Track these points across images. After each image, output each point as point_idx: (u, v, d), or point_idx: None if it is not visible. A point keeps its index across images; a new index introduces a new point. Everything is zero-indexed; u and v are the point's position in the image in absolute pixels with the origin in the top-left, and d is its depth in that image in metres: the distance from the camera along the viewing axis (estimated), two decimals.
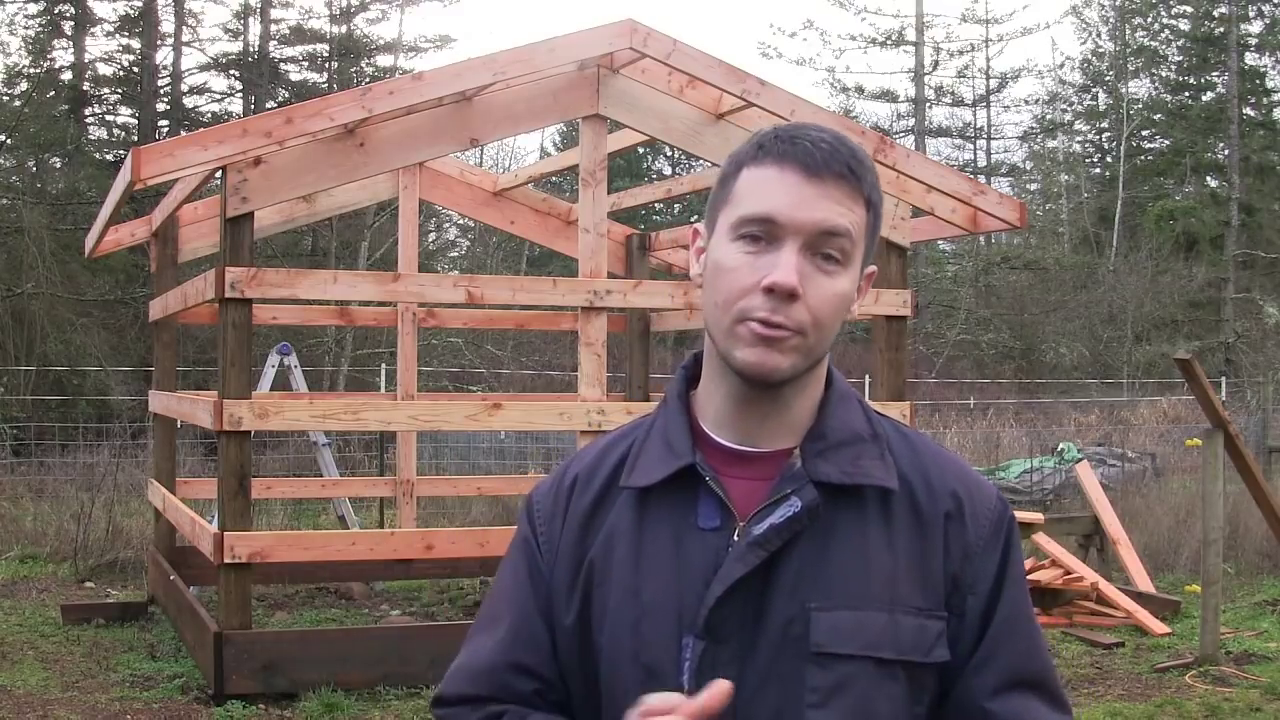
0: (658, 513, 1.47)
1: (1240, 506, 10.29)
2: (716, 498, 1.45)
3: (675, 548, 1.45)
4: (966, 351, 30.43)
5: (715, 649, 1.41)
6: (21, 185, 20.92)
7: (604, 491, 1.52)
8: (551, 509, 1.55)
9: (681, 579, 1.43)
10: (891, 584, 1.43)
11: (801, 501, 1.42)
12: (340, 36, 28.05)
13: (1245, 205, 34.50)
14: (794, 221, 1.40)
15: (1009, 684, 1.47)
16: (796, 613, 1.41)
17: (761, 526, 1.42)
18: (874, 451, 1.48)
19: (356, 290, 7.74)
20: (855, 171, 1.43)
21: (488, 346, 23.61)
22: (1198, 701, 6.86)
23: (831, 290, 1.42)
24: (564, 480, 1.57)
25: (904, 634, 1.42)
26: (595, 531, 1.50)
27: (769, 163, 1.43)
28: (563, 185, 27.91)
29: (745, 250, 1.42)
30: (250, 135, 6.40)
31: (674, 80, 7.42)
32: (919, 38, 38.14)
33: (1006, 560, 1.50)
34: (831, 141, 1.43)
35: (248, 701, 6.48)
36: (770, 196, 1.41)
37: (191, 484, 10.00)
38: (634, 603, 1.44)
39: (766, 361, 1.41)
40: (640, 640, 1.43)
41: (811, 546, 1.43)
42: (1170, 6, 38.73)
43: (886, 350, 7.72)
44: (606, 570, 1.47)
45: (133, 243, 9.94)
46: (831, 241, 1.42)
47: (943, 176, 7.83)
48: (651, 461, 1.49)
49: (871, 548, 1.44)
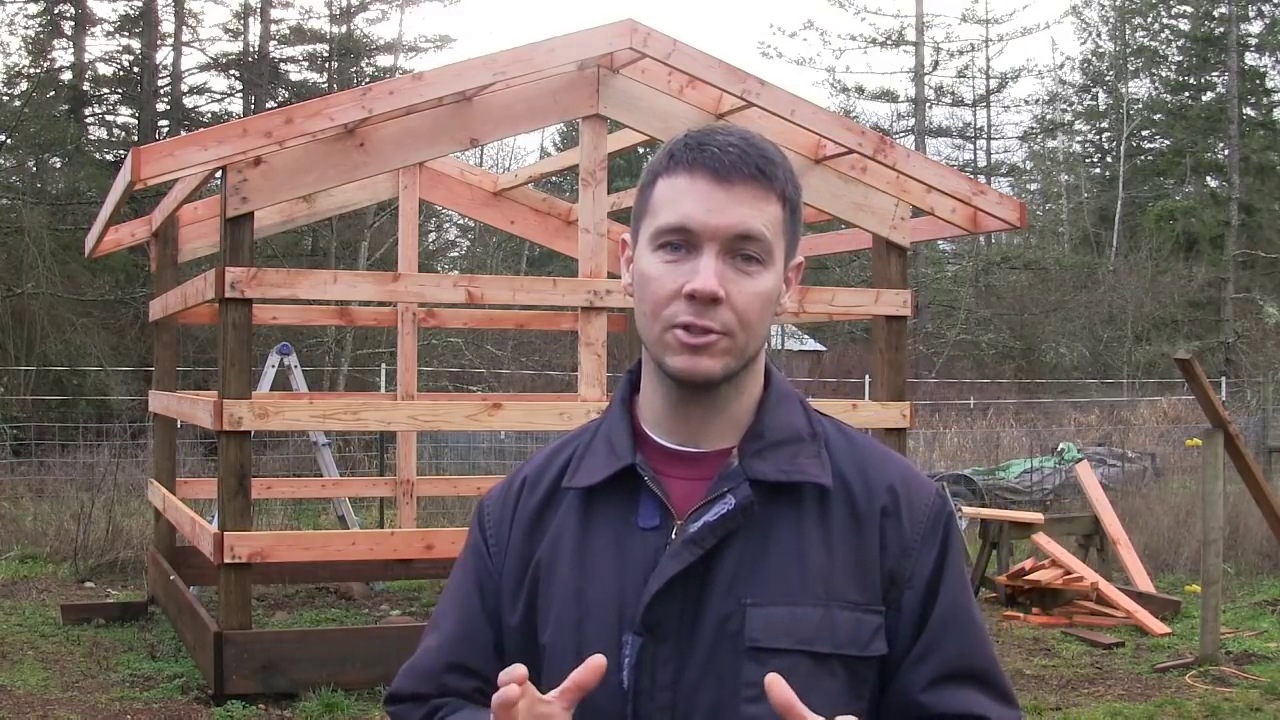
0: (601, 513, 1.51)
1: (1240, 506, 10.29)
2: (656, 497, 1.48)
3: (617, 547, 1.49)
4: (966, 351, 30.43)
5: (654, 646, 1.44)
6: (21, 185, 20.92)
7: (550, 493, 1.56)
8: (500, 513, 1.60)
9: (622, 578, 1.47)
10: (827, 579, 1.46)
11: (735, 499, 1.46)
12: (340, 36, 28.05)
13: (1245, 205, 34.50)
14: (708, 228, 1.44)
15: (947, 676, 1.49)
16: (733, 609, 1.44)
17: (696, 525, 1.45)
18: (811, 450, 1.51)
19: (356, 290, 7.74)
20: (765, 171, 1.46)
21: (488, 346, 23.61)
22: (1198, 701, 6.86)
23: (753, 290, 1.45)
24: (513, 484, 1.61)
25: (840, 628, 1.44)
26: (542, 532, 1.55)
27: (680, 171, 1.46)
28: (563, 185, 27.91)
29: (666, 259, 1.45)
30: (250, 135, 6.39)
31: (674, 80, 7.42)
32: (919, 38, 38.13)
33: (944, 555, 1.52)
34: (739, 145, 1.46)
35: (248, 701, 6.48)
36: (683, 205, 1.45)
37: (191, 484, 10.00)
38: (577, 602, 1.48)
39: (698, 367, 1.45)
40: (583, 638, 1.46)
41: (748, 544, 1.46)
42: (1170, 6, 38.74)
43: (886, 350, 7.71)
44: (552, 570, 1.51)
45: (133, 243, 9.94)
46: (748, 244, 1.45)
47: (943, 176, 7.83)
48: (594, 463, 1.53)
49: (808, 544, 1.47)
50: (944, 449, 17.45)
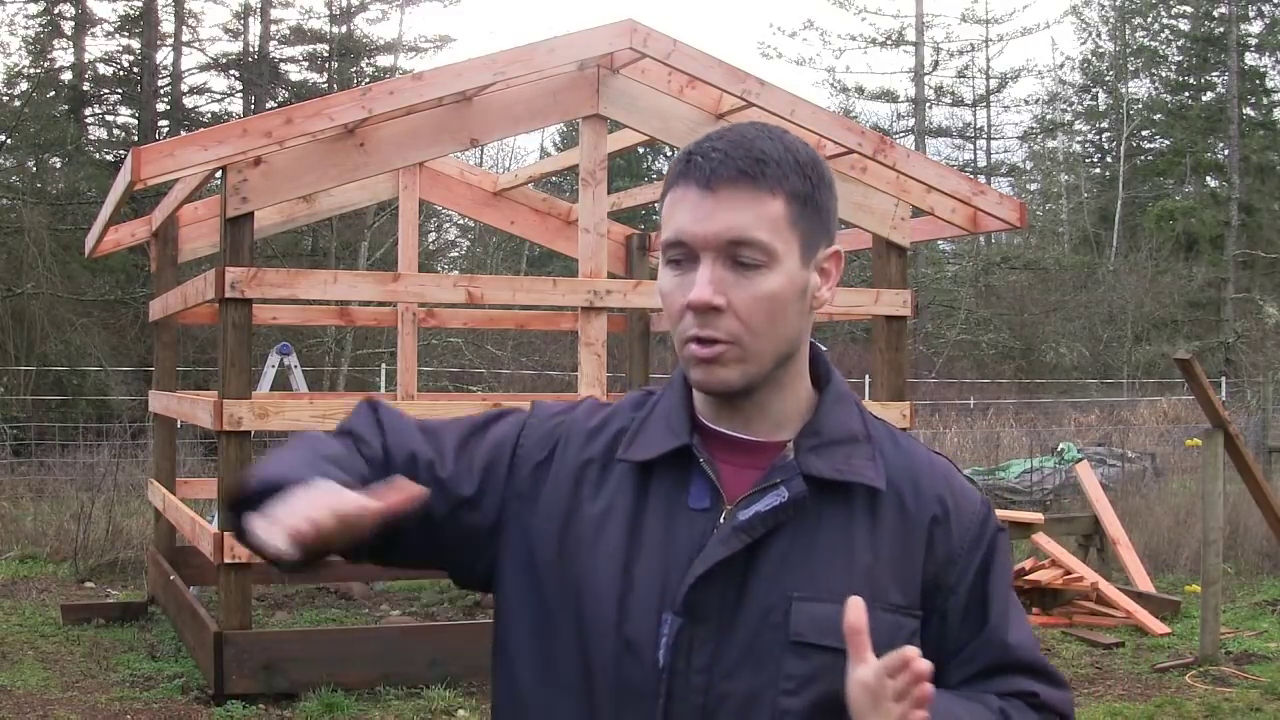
0: (655, 489, 1.51)
1: (1240, 506, 10.29)
2: (708, 479, 1.49)
3: (666, 525, 1.49)
4: (966, 351, 30.41)
5: (693, 627, 1.45)
6: (21, 185, 20.91)
7: (603, 455, 1.55)
8: (542, 439, 1.58)
9: (667, 556, 1.47)
10: (871, 580, 1.48)
11: (789, 492, 1.47)
12: (340, 36, 28.04)
13: (1245, 205, 34.50)
14: (698, 238, 1.44)
15: (996, 670, 1.54)
16: (777, 600, 1.45)
17: (747, 513, 1.46)
18: (866, 452, 1.52)
19: (356, 290, 7.74)
20: (751, 172, 1.44)
21: (488, 346, 23.61)
22: (1198, 701, 6.87)
23: (754, 294, 1.44)
24: (565, 417, 1.60)
25: (879, 631, 1.44)
26: (589, 492, 1.53)
27: (677, 184, 1.48)
28: (563, 185, 27.90)
29: (674, 274, 1.48)
30: (250, 135, 6.39)
31: (674, 80, 7.42)
32: (919, 38, 38.13)
33: (991, 561, 1.56)
34: (724, 149, 1.45)
35: (248, 701, 6.48)
36: (678, 218, 1.46)
37: (191, 484, 10.00)
38: (623, 576, 1.48)
39: (712, 379, 1.46)
40: (624, 613, 1.47)
41: (797, 538, 1.47)
42: (1170, 6, 38.73)
43: (886, 350, 7.71)
44: (599, 537, 1.50)
45: (133, 243, 9.94)
46: (742, 249, 1.44)
47: (943, 176, 7.83)
48: (650, 438, 1.53)
49: (855, 544, 1.48)
50: (944, 449, 17.45)
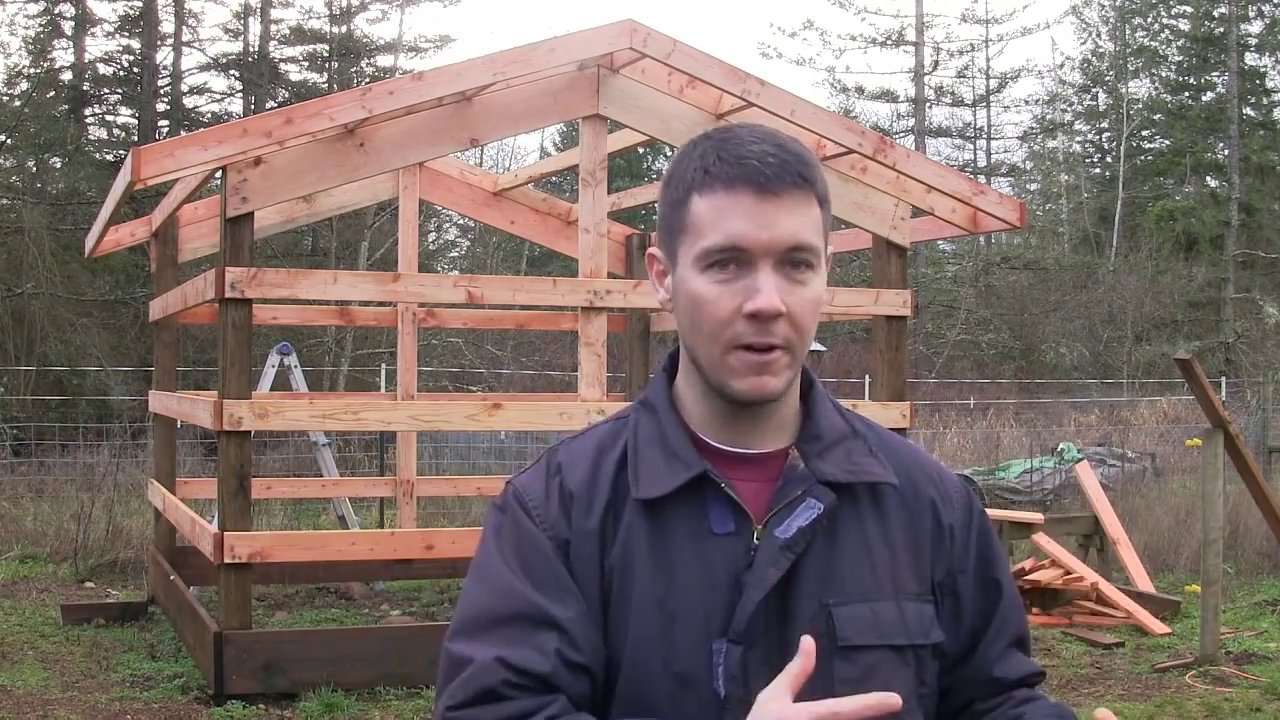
0: (670, 521, 1.46)
1: (1240, 506, 10.29)
2: (729, 502, 1.46)
3: (696, 554, 1.45)
4: (966, 351, 30.41)
5: (748, 653, 1.43)
6: (21, 185, 20.91)
7: (611, 501, 1.48)
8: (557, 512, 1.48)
9: (705, 585, 1.44)
10: (893, 574, 1.50)
11: (822, 504, 1.46)
12: (340, 36, 28.05)
13: (1245, 205, 34.48)
14: (761, 244, 1.41)
15: (1010, 645, 1.61)
16: (817, 611, 1.45)
17: (788, 530, 1.45)
18: (863, 449, 1.53)
19: (356, 290, 7.74)
20: (806, 177, 1.44)
21: (488, 346, 23.61)
22: (1198, 701, 6.86)
23: (808, 298, 1.44)
24: (559, 488, 1.50)
25: (910, 620, 1.48)
26: (610, 542, 1.46)
27: (719, 188, 1.42)
28: (563, 185, 27.90)
29: (717, 279, 1.42)
30: (250, 135, 6.39)
31: (674, 80, 7.42)
32: (919, 38, 38.13)
33: (986, 536, 1.60)
34: (776, 153, 1.43)
35: (248, 701, 6.48)
36: (731, 223, 1.41)
37: (191, 484, 10.00)
38: (659, 613, 1.44)
39: (765, 387, 1.44)
40: (670, 649, 1.43)
41: (821, 545, 1.47)
42: (1170, 6, 38.72)
43: (886, 350, 7.71)
44: (626, 582, 1.45)
45: (133, 243, 9.94)
46: (800, 254, 1.43)
47: (943, 176, 7.83)
48: (657, 470, 1.47)
49: (871, 541, 1.50)
50: (944, 449, 17.45)
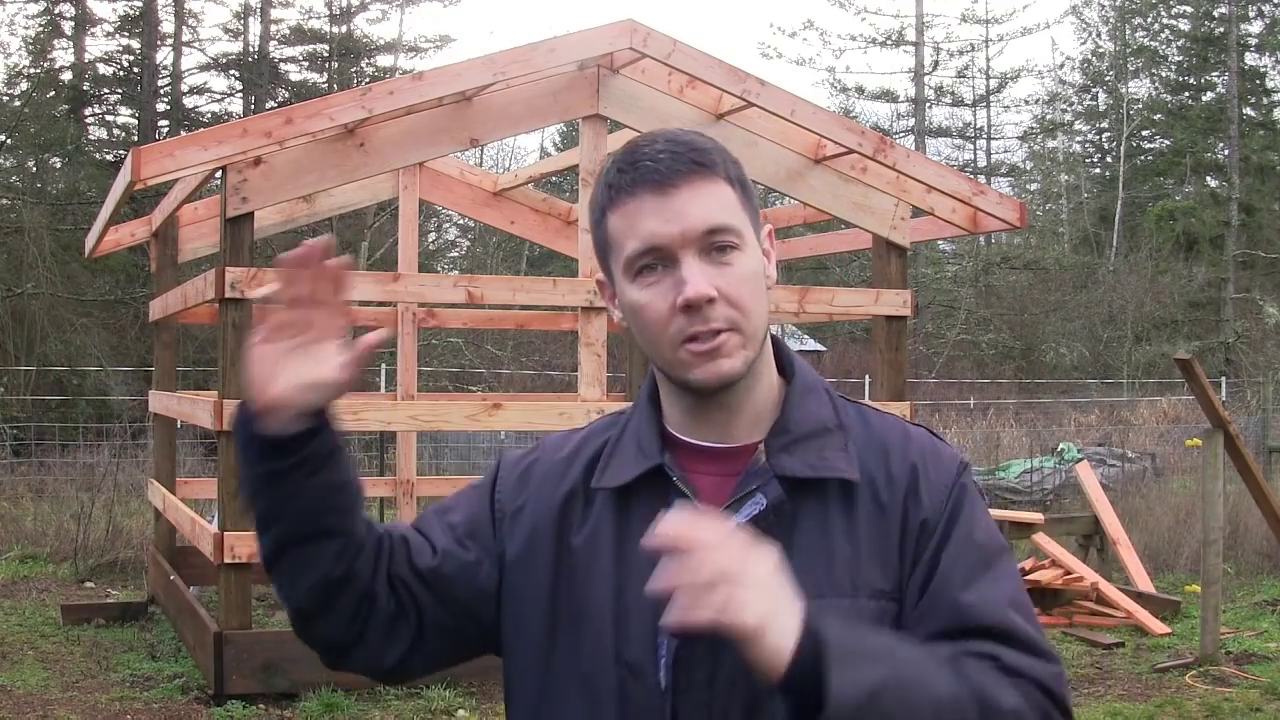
0: (636, 512, 1.50)
1: (1240, 506, 10.29)
2: (685, 497, 1.48)
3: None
4: (966, 351, 30.41)
5: (689, 645, 1.44)
6: (21, 185, 20.91)
7: (580, 485, 1.55)
8: (514, 483, 1.59)
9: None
10: (853, 570, 1.46)
11: (766, 499, 1.46)
12: (340, 36, 28.06)
13: (1245, 205, 34.49)
14: (675, 237, 1.44)
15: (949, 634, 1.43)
16: None
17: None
18: (838, 443, 1.51)
19: (356, 290, 7.73)
20: (701, 162, 1.46)
21: (488, 346, 23.61)
22: (1198, 701, 6.86)
23: (738, 275, 1.45)
24: (529, 464, 1.61)
25: (865, 618, 1.44)
26: (574, 525, 1.53)
27: (624, 198, 1.46)
28: (563, 185, 27.90)
29: (647, 284, 1.46)
30: (250, 135, 6.39)
31: (674, 80, 7.42)
32: (919, 38, 38.14)
33: (956, 518, 1.48)
34: (667, 148, 1.46)
35: (248, 701, 6.48)
36: (642, 226, 1.44)
37: (191, 484, 10.00)
38: (615, 603, 1.48)
39: (719, 370, 1.45)
40: (622, 639, 1.47)
41: (776, 538, 1.45)
42: (1170, 6, 38.73)
43: (886, 350, 7.71)
44: (590, 567, 1.50)
45: (133, 243, 9.94)
46: (718, 236, 1.45)
47: (943, 176, 7.83)
48: (623, 463, 1.53)
49: (833, 537, 1.47)
50: None
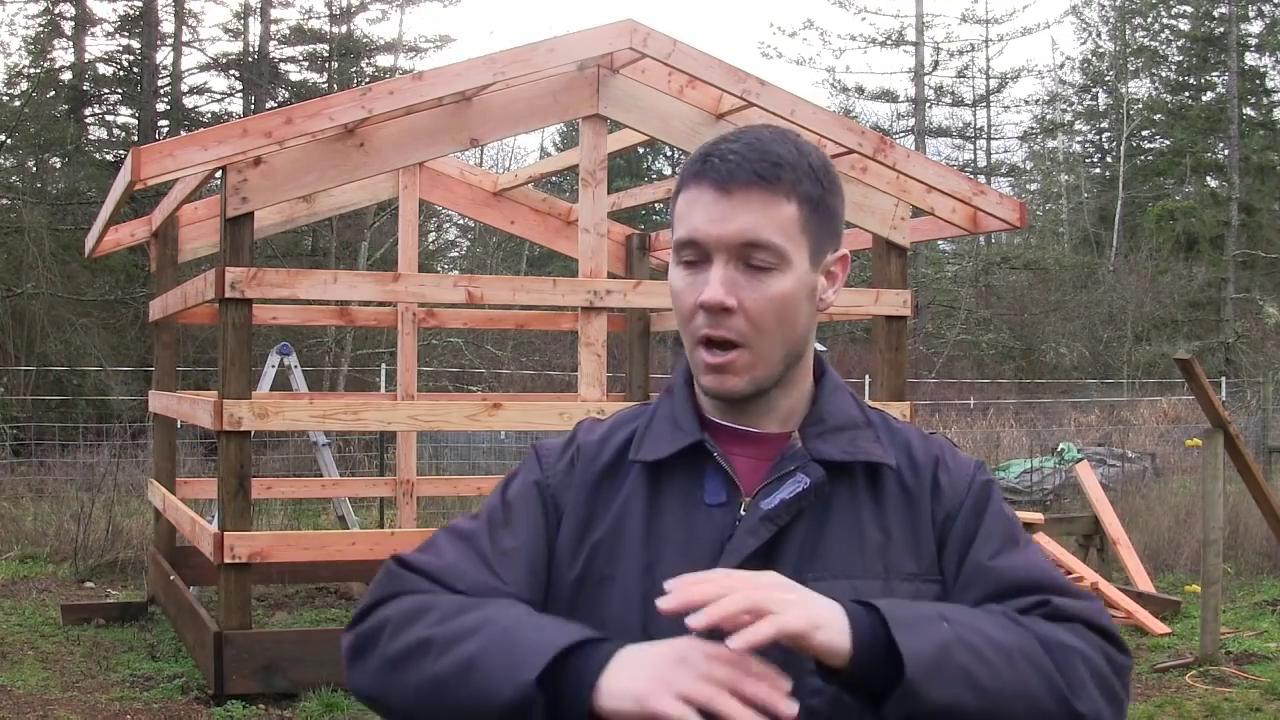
0: (668, 489, 1.52)
1: (1240, 506, 10.29)
2: (723, 474, 1.51)
3: (684, 523, 1.50)
4: (966, 351, 30.41)
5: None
6: (21, 185, 20.91)
7: (613, 464, 1.57)
8: (564, 467, 1.59)
9: (690, 554, 1.48)
10: (884, 554, 1.50)
11: (809, 478, 1.49)
12: (340, 36, 28.05)
13: (1245, 205, 34.48)
14: (711, 239, 1.47)
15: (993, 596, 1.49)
16: None
17: (772, 502, 1.48)
18: (870, 435, 1.56)
19: (356, 290, 7.74)
20: (767, 175, 1.46)
21: (488, 346, 23.61)
22: (1198, 701, 6.86)
23: (765, 295, 1.47)
24: (572, 446, 1.62)
25: (899, 598, 1.46)
26: (604, 501, 1.55)
27: (691, 185, 1.49)
28: (563, 185, 27.90)
29: (685, 273, 1.50)
30: (250, 135, 6.39)
31: (674, 80, 7.42)
32: (919, 38, 38.13)
33: (985, 508, 1.55)
34: (741, 151, 1.47)
35: (248, 701, 6.48)
36: (692, 218, 1.48)
37: (191, 484, 9.99)
38: (644, 577, 1.49)
39: (723, 385, 1.49)
40: (649, 614, 1.46)
41: (809, 522, 1.49)
42: (1170, 6, 38.71)
43: (886, 350, 7.71)
44: (618, 543, 1.52)
45: (133, 243, 9.93)
46: (755, 251, 1.47)
47: (943, 176, 7.83)
48: (660, 438, 1.55)
49: (864, 522, 1.51)
50: None
